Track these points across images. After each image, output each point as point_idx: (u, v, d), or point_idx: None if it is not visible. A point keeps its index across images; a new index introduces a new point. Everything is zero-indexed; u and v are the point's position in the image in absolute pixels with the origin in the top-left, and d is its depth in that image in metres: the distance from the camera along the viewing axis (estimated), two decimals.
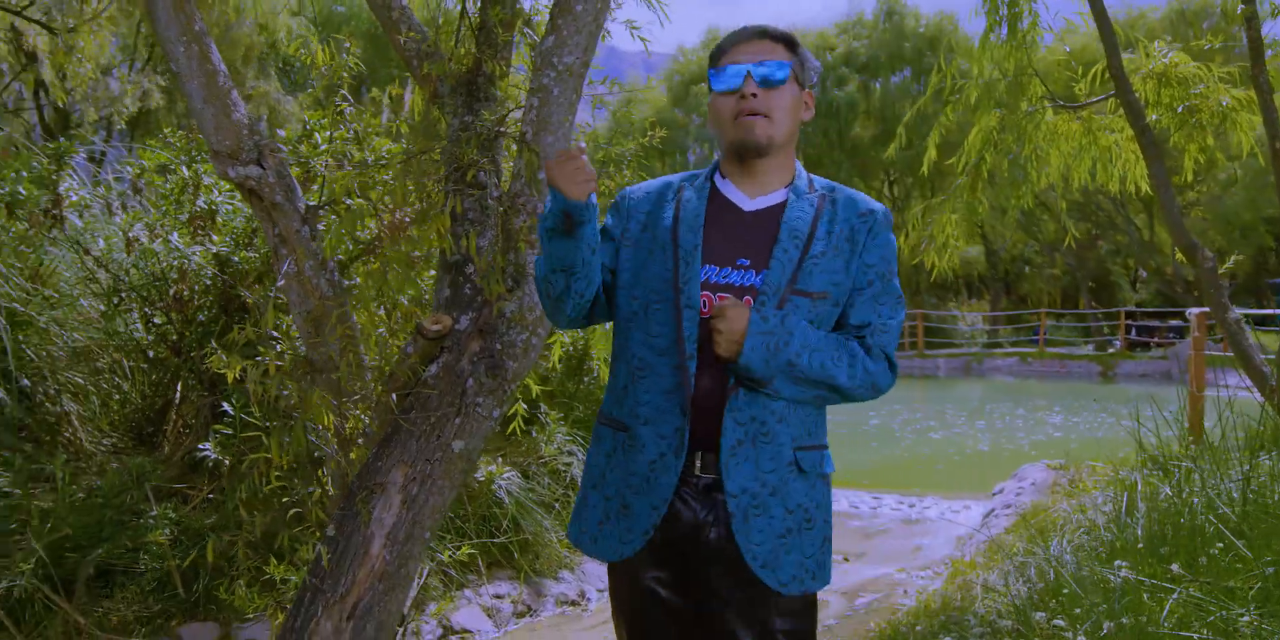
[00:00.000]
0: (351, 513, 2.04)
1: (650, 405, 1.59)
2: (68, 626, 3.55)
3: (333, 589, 1.96)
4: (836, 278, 1.63)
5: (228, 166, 2.26)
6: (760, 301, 1.57)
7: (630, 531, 1.60)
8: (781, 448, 1.59)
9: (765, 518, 1.57)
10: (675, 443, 1.57)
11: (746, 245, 1.62)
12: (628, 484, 1.61)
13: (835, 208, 1.67)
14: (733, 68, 1.63)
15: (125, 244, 4.70)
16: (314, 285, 2.37)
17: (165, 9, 2.13)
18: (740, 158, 1.66)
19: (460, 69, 2.50)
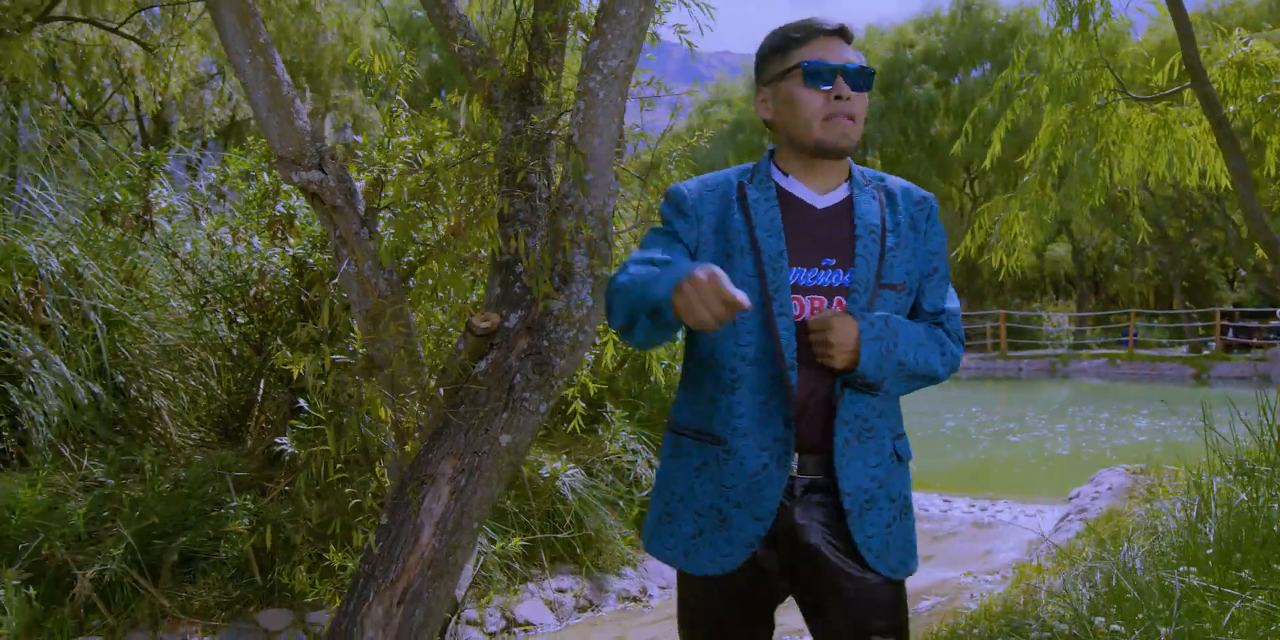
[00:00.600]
0: (403, 503, 2.12)
1: (747, 417, 1.58)
2: (153, 609, 3.76)
3: (384, 575, 2.04)
4: (909, 267, 1.65)
5: (291, 171, 2.37)
6: (853, 299, 1.58)
7: (731, 543, 1.58)
8: (883, 441, 1.61)
9: (876, 511, 1.59)
10: (778, 453, 1.56)
11: (827, 244, 1.62)
12: (725, 497, 1.59)
13: (894, 198, 1.69)
14: (831, 65, 1.60)
15: (210, 247, 4.93)
16: (373, 284, 2.47)
17: (231, 24, 2.25)
18: (818, 157, 1.64)
19: (514, 74, 2.58)
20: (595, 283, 2.32)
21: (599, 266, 2.32)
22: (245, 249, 5.05)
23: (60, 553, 3.79)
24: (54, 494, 4.18)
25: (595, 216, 2.32)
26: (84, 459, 4.44)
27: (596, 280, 2.32)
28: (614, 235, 2.41)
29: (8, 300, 4.80)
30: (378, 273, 2.47)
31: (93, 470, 4.38)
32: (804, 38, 1.63)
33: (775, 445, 1.56)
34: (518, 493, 4.68)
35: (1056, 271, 29.11)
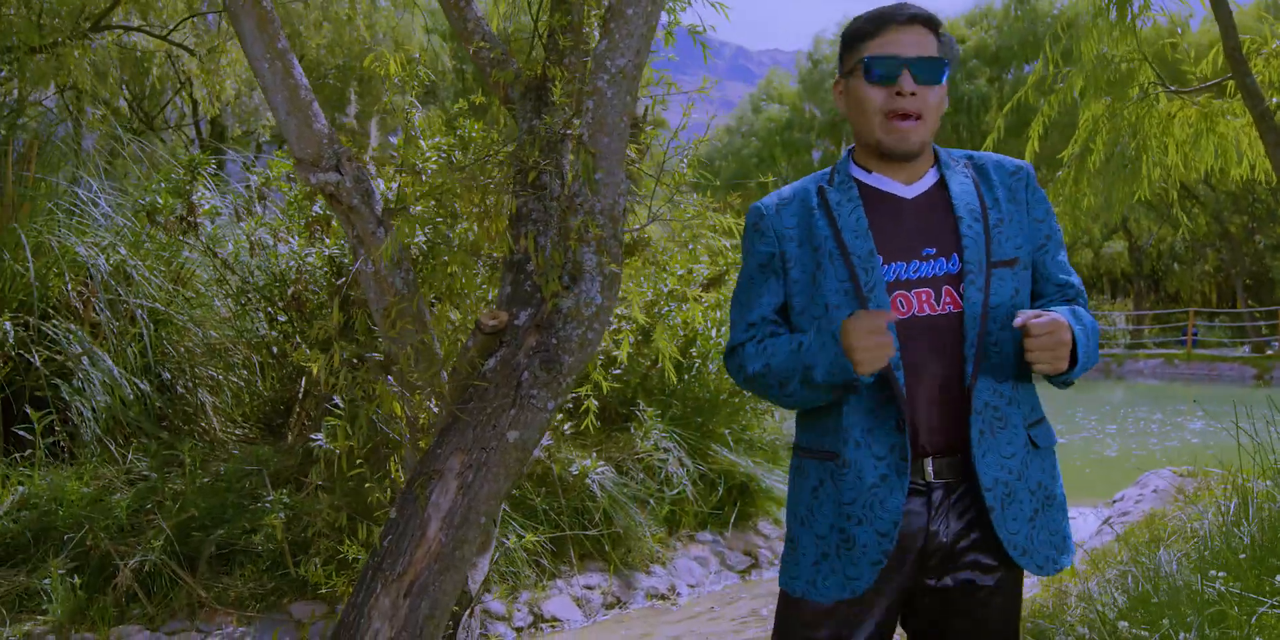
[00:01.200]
0: (411, 497, 2.15)
1: (858, 427, 1.52)
2: (191, 600, 3.86)
3: (391, 568, 2.08)
4: (1018, 240, 1.58)
5: (309, 173, 2.42)
6: (969, 281, 1.52)
7: (856, 565, 1.51)
8: (1017, 430, 1.54)
9: (1016, 504, 1.52)
10: (895, 461, 1.50)
11: (926, 233, 1.56)
12: (844, 515, 1.53)
13: (987, 173, 1.63)
14: (893, 59, 1.52)
15: (249, 248, 5.06)
16: (389, 283, 2.51)
17: (250, 30, 2.30)
18: (890, 160, 1.59)
19: (529, 75, 2.60)
20: (604, 280, 2.33)
21: (608, 264, 2.33)
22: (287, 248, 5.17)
23: (104, 543, 3.92)
24: (100, 487, 4.33)
25: (605, 215, 2.34)
26: (129, 453, 4.58)
27: (605, 278, 2.33)
28: (624, 233, 2.42)
29: (60, 300, 4.98)
30: (394, 271, 2.52)
31: (136, 464, 4.52)
32: (874, 30, 1.56)
33: (892, 453, 1.51)
34: (548, 489, 4.72)
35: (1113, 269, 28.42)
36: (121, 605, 3.81)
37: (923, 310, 1.54)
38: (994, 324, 1.55)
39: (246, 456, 4.59)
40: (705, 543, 4.91)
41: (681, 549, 4.83)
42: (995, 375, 1.54)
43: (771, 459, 5.53)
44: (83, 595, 3.79)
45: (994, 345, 1.55)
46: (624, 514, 4.79)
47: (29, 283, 4.82)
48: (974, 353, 1.51)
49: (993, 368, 1.54)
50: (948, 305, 1.54)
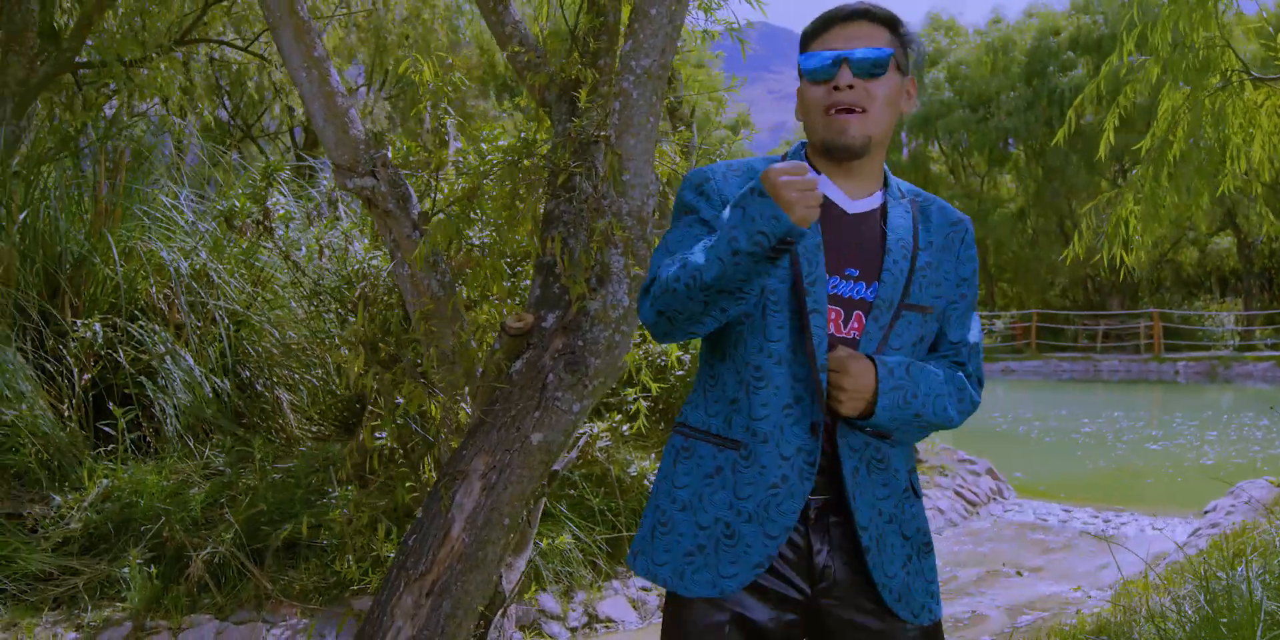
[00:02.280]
0: (436, 497, 2.18)
1: (769, 421, 1.44)
2: (258, 591, 4.00)
3: (414, 567, 2.11)
4: (940, 291, 1.52)
5: (346, 178, 2.48)
6: (874, 317, 1.46)
7: (737, 564, 1.44)
8: (898, 472, 1.49)
9: (889, 549, 1.47)
10: (800, 464, 1.43)
11: (854, 253, 1.49)
12: (737, 510, 1.45)
13: (929, 215, 1.56)
14: (826, 53, 1.46)
15: (318, 251, 5.22)
16: (425, 285, 2.55)
17: (288, 40, 2.37)
18: (831, 158, 1.51)
19: (563, 78, 2.61)
20: (631, 283, 2.32)
21: (635, 267, 2.32)
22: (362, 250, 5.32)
23: (179, 535, 4.09)
24: (178, 481, 4.52)
25: (632, 217, 2.33)
26: (206, 448, 4.78)
27: (633, 281, 2.32)
28: (653, 235, 2.41)
29: (147, 302, 5.23)
30: (429, 274, 2.55)
31: (213, 459, 4.71)
32: (819, 29, 1.51)
33: (798, 456, 1.43)
34: (606, 490, 4.73)
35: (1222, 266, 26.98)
36: (193, 595, 3.97)
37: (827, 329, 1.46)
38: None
39: (314, 454, 4.73)
40: None
41: None
42: (879, 437, 1.47)
43: None
44: (158, 584, 3.97)
45: None
46: None
47: (118, 286, 5.08)
48: None
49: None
50: (853, 331, 1.48)
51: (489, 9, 2.73)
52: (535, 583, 4.30)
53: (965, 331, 1.56)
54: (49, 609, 3.85)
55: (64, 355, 4.73)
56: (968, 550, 5.19)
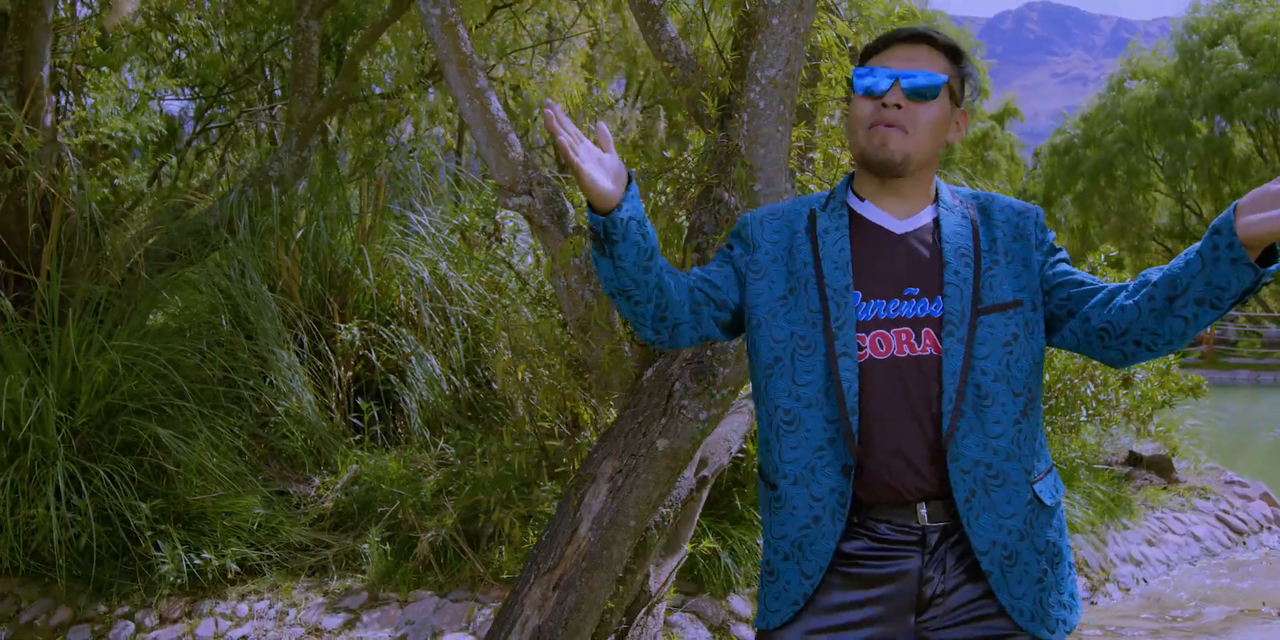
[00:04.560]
0: (568, 497, 2.32)
1: (798, 464, 1.47)
2: (473, 574, 4.38)
3: (545, 560, 2.26)
4: (1022, 281, 1.49)
5: (506, 197, 2.68)
6: (948, 332, 1.43)
7: (778, 599, 1.48)
8: (1018, 487, 1.44)
9: (1020, 567, 1.43)
10: (832, 505, 1.44)
11: (911, 272, 1.49)
12: (775, 548, 1.51)
13: (990, 213, 1.54)
14: (881, 71, 1.48)
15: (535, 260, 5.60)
16: (580, 296, 2.71)
17: (454, 73, 2.61)
18: (870, 172, 1.52)
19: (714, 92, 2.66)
20: None
21: None
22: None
23: (411, 518, 4.57)
24: (416, 469, 5.05)
25: None
26: (440, 441, 5.29)
27: None
28: None
29: (398, 308, 5.87)
30: (584, 285, 2.70)
31: (446, 451, 5.20)
32: (878, 47, 1.53)
33: (830, 497, 1.44)
34: None
35: None
36: (419, 572, 4.42)
37: (902, 351, 1.45)
38: (984, 376, 1.43)
39: (531, 448, 5.08)
40: None
41: None
42: (987, 430, 1.43)
43: (1067, 481, 5.00)
44: (391, 560, 4.46)
45: (983, 398, 1.43)
46: None
47: (374, 295, 5.74)
48: (951, 408, 1.42)
49: (984, 422, 1.43)
50: (928, 347, 1.45)
51: (646, 27, 2.83)
52: (729, 585, 4.36)
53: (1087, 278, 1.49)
54: (305, 576, 4.45)
55: (328, 356, 5.42)
56: (1222, 585, 4.60)
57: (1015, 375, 1.44)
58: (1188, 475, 5.84)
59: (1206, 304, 1.29)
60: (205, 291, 5.37)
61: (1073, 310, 1.47)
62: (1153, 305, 1.34)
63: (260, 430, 5.03)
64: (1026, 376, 1.45)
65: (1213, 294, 1.28)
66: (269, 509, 4.62)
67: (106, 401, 4.54)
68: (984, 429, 1.42)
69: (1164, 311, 1.33)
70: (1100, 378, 5.22)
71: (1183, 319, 1.32)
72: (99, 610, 4.19)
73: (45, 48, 5.15)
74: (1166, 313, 1.33)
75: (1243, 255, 1.22)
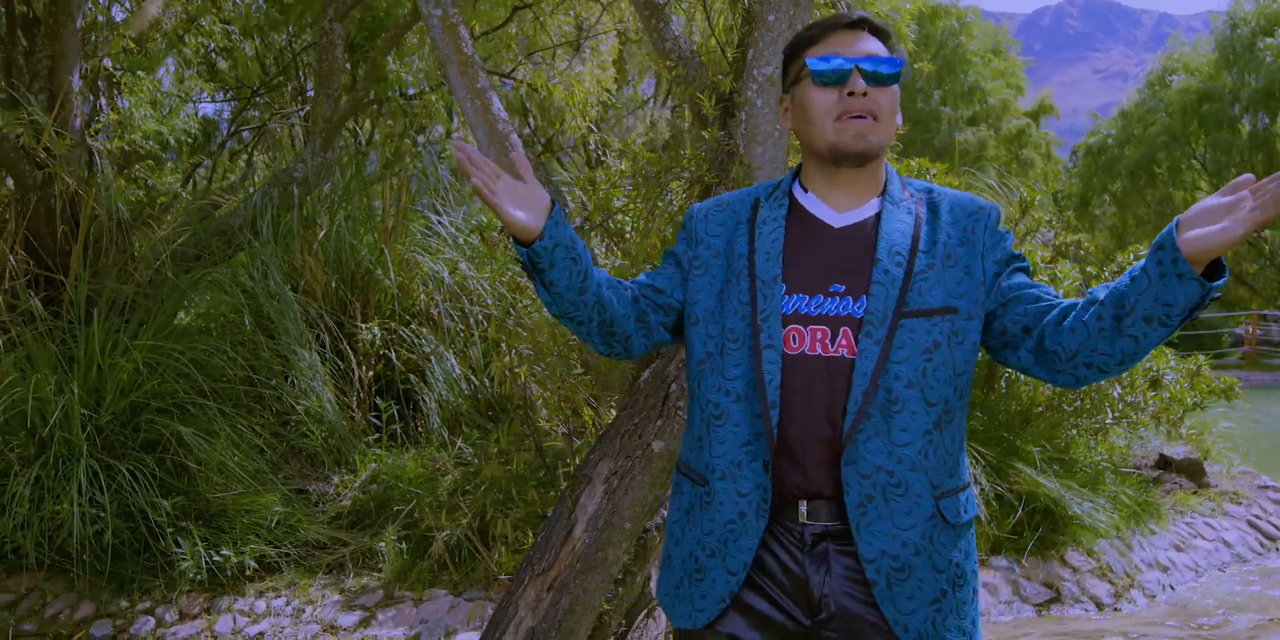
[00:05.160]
0: (564, 498, 2.31)
1: (725, 458, 1.44)
2: (487, 573, 4.39)
3: (539, 562, 2.25)
4: (960, 288, 1.42)
5: None
6: (866, 332, 1.38)
7: (705, 598, 1.45)
8: (919, 499, 1.38)
9: (914, 582, 1.38)
10: (756, 500, 1.41)
11: (839, 268, 1.44)
12: (702, 545, 1.47)
13: (938, 212, 1.48)
14: (837, 60, 1.43)
15: None
16: None
17: (455, 74, 2.61)
18: (836, 164, 1.47)
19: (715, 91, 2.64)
20: None
21: None
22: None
23: (427, 517, 4.59)
24: (433, 468, 5.07)
25: None
26: (458, 440, 5.31)
27: None
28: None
29: (418, 308, 5.91)
30: None
31: (462, 451, 5.22)
32: (817, 35, 1.48)
33: (754, 492, 1.41)
34: None
35: None
36: (434, 571, 4.44)
37: (814, 349, 1.40)
38: (896, 380, 1.38)
39: (548, 449, 5.08)
40: (998, 569, 4.51)
41: None
42: (893, 437, 1.37)
43: (1091, 484, 4.91)
44: (407, 559, 4.48)
45: (893, 403, 1.37)
46: None
47: (395, 295, 5.78)
48: (855, 409, 1.37)
49: (891, 428, 1.38)
50: (841, 348, 1.40)
51: (651, 26, 2.81)
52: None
53: (1038, 287, 1.44)
54: (322, 573, 4.49)
55: (349, 355, 5.46)
56: (1253, 592, 4.49)
57: (931, 384, 1.39)
58: (1220, 479, 5.70)
59: (1155, 321, 1.25)
60: (229, 292, 5.44)
61: (1028, 327, 1.41)
62: (1101, 325, 1.30)
63: (281, 429, 5.09)
64: (943, 386, 1.40)
65: (1161, 311, 1.24)
66: (288, 507, 4.67)
67: (130, 400, 4.62)
68: (890, 435, 1.38)
69: (1113, 332, 1.29)
70: (1127, 380, 5.12)
71: (1132, 338, 1.28)
72: (120, 605, 4.26)
73: (75, 52, 5.25)
74: (1115, 333, 1.29)
75: (1188, 270, 1.19)
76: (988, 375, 5.59)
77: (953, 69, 20.44)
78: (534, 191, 1.42)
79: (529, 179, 1.43)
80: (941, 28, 20.56)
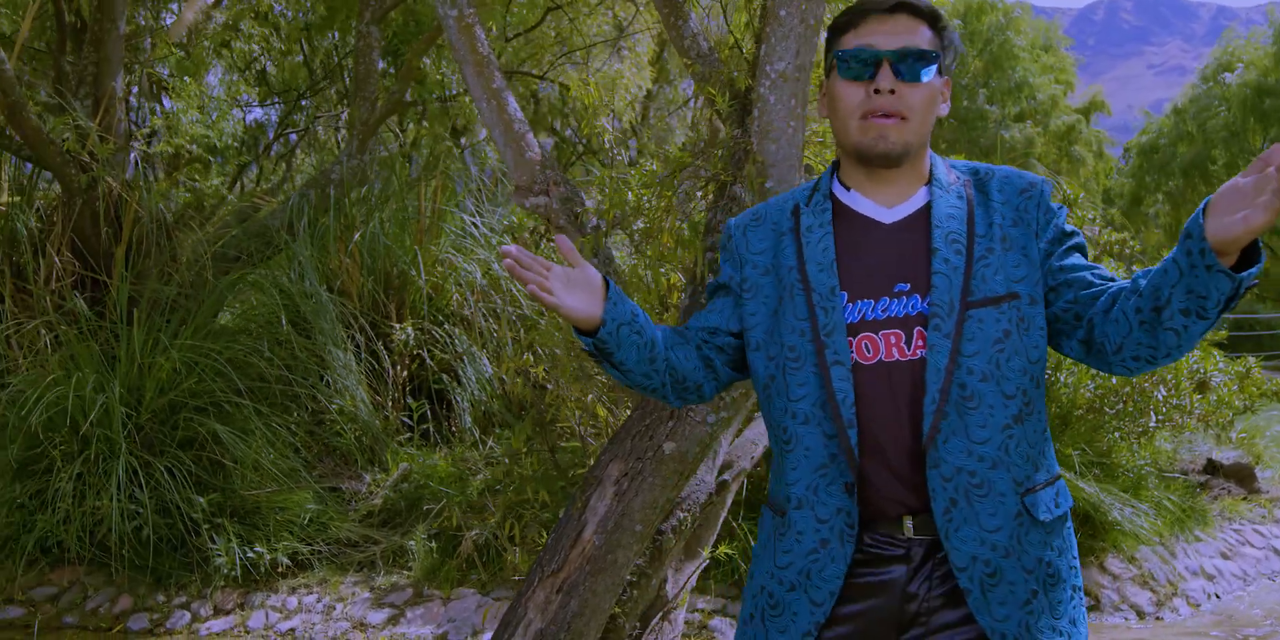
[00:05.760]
0: (574, 500, 2.30)
1: (801, 484, 1.37)
2: (515, 572, 4.41)
3: (549, 563, 2.24)
4: (1020, 272, 1.34)
5: (523, 198, 2.68)
6: (934, 327, 1.31)
7: (784, 633, 1.38)
8: (1004, 498, 1.31)
9: (1004, 586, 1.30)
10: (840, 526, 1.34)
11: (900, 266, 1.36)
12: (779, 579, 1.39)
13: (989, 193, 1.40)
14: (867, 52, 1.35)
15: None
16: None
17: (471, 74, 2.62)
18: (863, 164, 1.40)
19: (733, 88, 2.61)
20: None
21: None
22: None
23: (456, 516, 4.62)
24: (465, 468, 5.10)
25: None
26: (490, 440, 5.33)
27: None
28: None
29: (451, 308, 5.95)
30: None
31: (493, 451, 5.24)
32: (854, 20, 1.39)
33: (837, 517, 1.34)
34: None
35: None
36: (463, 570, 4.47)
37: (890, 355, 1.34)
38: (970, 375, 1.30)
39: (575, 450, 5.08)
40: None
41: None
42: (971, 434, 1.30)
43: (1133, 489, 4.78)
44: (437, 558, 4.51)
45: (968, 399, 1.30)
46: None
47: (429, 295, 5.82)
48: (933, 409, 1.30)
49: (968, 426, 1.30)
50: (919, 349, 1.33)
51: (670, 23, 2.79)
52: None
53: (1091, 268, 1.35)
54: (353, 571, 4.54)
55: (383, 355, 5.52)
56: None
57: (1006, 375, 1.31)
58: (1271, 485, 5.51)
59: (1193, 315, 1.18)
60: (267, 292, 5.53)
61: (1079, 314, 1.34)
62: (1141, 318, 1.24)
63: (316, 428, 5.15)
64: (1019, 377, 1.32)
65: (1196, 304, 1.17)
66: (320, 505, 4.73)
67: (169, 398, 4.71)
68: (968, 433, 1.30)
69: (1153, 324, 1.23)
70: (1172, 382, 4.97)
71: (1173, 332, 1.21)
72: (158, 600, 4.35)
73: (118, 59, 5.37)
74: (1156, 326, 1.22)
75: (1215, 262, 1.11)
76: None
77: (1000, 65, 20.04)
78: (585, 274, 1.34)
79: (578, 262, 1.35)
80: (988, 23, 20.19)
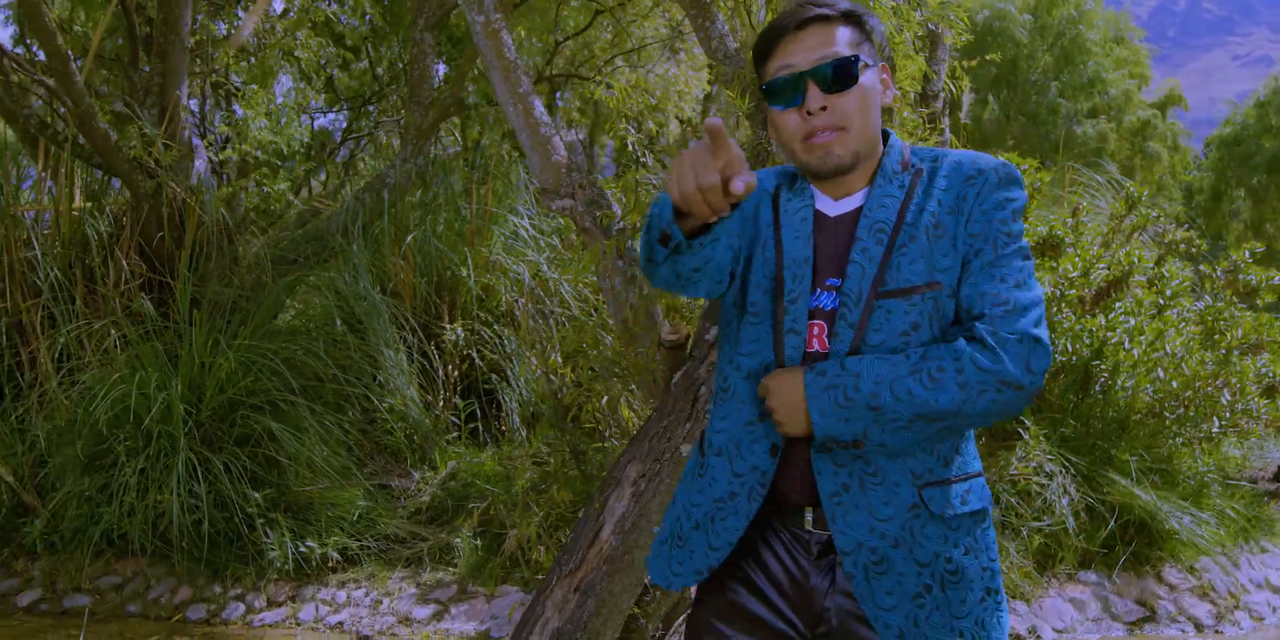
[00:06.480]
0: (593, 500, 2.32)
1: (726, 435, 1.39)
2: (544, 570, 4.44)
3: (567, 563, 2.26)
4: (947, 261, 1.30)
5: (549, 200, 2.71)
6: (841, 316, 1.31)
7: (682, 565, 1.43)
8: (898, 488, 1.30)
9: (892, 577, 1.30)
10: (751, 484, 1.35)
11: (832, 260, 1.35)
12: (689, 514, 1.44)
13: (933, 181, 1.35)
14: (785, 78, 1.33)
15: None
16: (624, 298, 2.70)
17: (498, 80, 2.66)
18: (821, 179, 1.38)
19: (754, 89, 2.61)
20: None
21: None
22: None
23: (501, 514, 4.68)
24: (511, 467, 5.16)
25: None
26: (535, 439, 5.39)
27: None
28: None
29: (501, 309, 6.03)
30: (629, 288, 2.70)
31: (539, 450, 5.29)
32: (769, 46, 1.37)
33: (752, 475, 1.35)
34: None
35: None
36: (506, 567, 4.52)
37: (811, 346, 1.34)
38: None
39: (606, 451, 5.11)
40: (1087, 584, 4.29)
41: (1054, 587, 4.28)
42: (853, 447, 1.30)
43: (1194, 496, 4.62)
44: (481, 555, 4.58)
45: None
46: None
47: (479, 296, 5.91)
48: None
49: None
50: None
51: (698, 25, 2.80)
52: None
53: (982, 285, 1.29)
54: (400, 567, 4.63)
55: (434, 355, 5.62)
56: None
57: None
58: None
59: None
60: (323, 294, 5.68)
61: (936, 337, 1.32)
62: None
63: (367, 426, 5.28)
64: None
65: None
66: (370, 501, 4.84)
67: (227, 396, 4.87)
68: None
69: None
70: (1237, 385, 4.78)
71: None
72: (215, 591, 4.50)
73: (182, 69, 5.57)
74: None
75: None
76: (1082, 379, 5.32)
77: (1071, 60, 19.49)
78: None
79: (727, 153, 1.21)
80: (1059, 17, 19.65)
